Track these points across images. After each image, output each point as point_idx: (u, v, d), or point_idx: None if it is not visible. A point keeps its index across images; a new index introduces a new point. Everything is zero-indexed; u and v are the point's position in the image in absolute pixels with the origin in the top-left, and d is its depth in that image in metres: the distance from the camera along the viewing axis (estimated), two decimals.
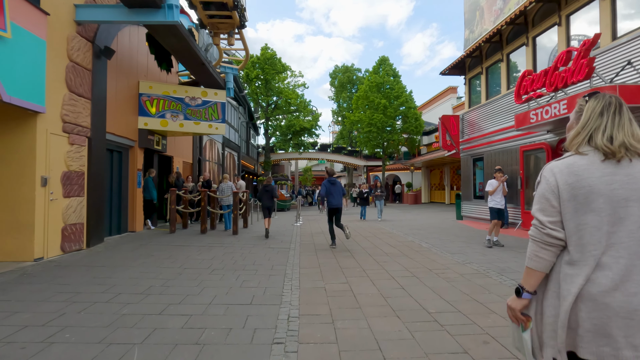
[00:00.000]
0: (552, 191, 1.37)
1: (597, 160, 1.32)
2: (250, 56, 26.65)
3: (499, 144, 11.88)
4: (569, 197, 1.32)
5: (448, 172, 25.03)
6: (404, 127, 26.64)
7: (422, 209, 22.35)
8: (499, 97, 11.94)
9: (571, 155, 1.39)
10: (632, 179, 1.27)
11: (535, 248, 1.39)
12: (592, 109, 1.41)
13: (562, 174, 1.35)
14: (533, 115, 8.57)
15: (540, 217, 1.39)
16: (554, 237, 1.35)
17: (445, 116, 14.26)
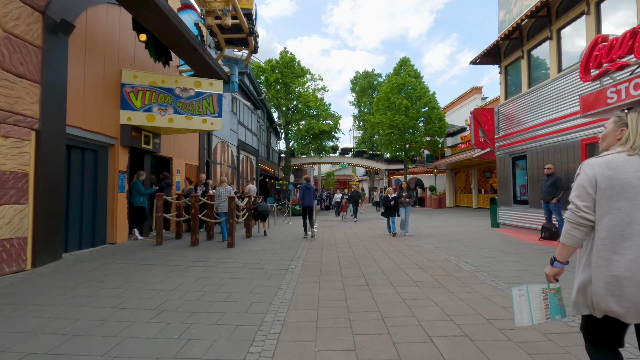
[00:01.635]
0: (589, 181, 1.62)
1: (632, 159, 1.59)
2: (269, 60, 24.84)
3: (548, 139, 9.20)
4: (605, 187, 1.58)
5: (475, 174, 22.08)
6: (427, 129, 23.91)
7: (447, 214, 19.57)
8: (547, 83, 9.27)
9: (609, 154, 1.66)
10: None
11: (569, 227, 1.66)
12: (636, 118, 1.67)
13: (600, 168, 1.62)
14: (612, 93, 5.96)
15: (577, 202, 1.65)
16: (586, 219, 1.61)
17: (478, 109, 11.66)
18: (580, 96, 6.85)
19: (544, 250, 7.14)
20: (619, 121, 1.72)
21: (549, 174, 8.49)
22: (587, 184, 1.62)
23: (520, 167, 10.68)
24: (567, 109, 8.46)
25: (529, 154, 10.06)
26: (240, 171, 17.67)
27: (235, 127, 16.89)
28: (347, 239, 9.53)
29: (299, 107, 25.48)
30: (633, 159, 1.59)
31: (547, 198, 8.44)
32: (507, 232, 10.17)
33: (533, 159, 9.85)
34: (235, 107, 17.09)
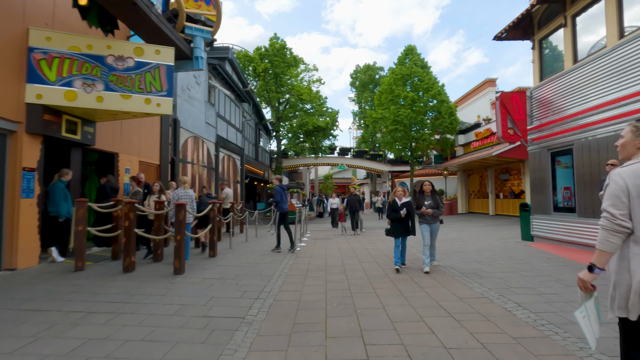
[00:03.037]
0: (622, 190, 1.81)
1: None
2: (258, 48, 23.02)
3: (605, 126, 7.29)
4: (637, 194, 1.78)
5: (492, 176, 20.18)
6: (436, 125, 22.03)
7: (462, 222, 17.64)
8: (604, 54, 7.38)
9: (634, 163, 1.85)
10: None
11: (607, 235, 1.82)
12: None
13: (630, 177, 1.81)
14: None
15: (612, 210, 1.82)
16: (623, 227, 1.78)
17: (505, 94, 9.78)
18: None
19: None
20: (637, 130, 1.91)
21: None
22: (620, 192, 1.82)
23: (563, 165, 8.76)
24: (632, 86, 6.56)
25: (576, 148, 8.14)
26: (220, 172, 15.75)
27: (213, 121, 14.99)
28: (342, 259, 7.59)
29: (291, 101, 23.61)
30: None
31: None
32: (549, 249, 8.23)
33: (583, 154, 7.93)
34: (214, 97, 15.20)
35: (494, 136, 18.67)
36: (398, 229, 6.03)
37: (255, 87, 24.08)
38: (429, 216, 6.02)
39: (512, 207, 18.07)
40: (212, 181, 14.81)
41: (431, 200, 6.05)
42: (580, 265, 6.35)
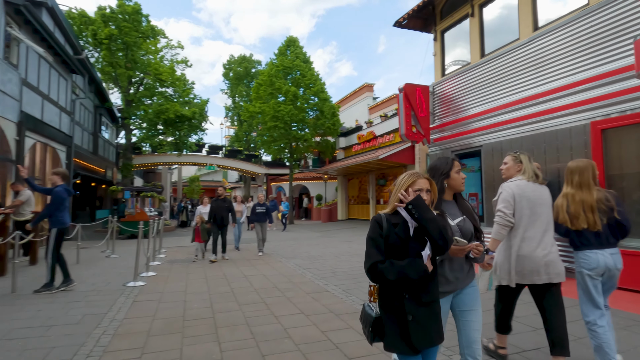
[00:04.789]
0: (511, 196, 2.84)
1: (529, 184, 2.88)
2: (101, 8, 18.22)
3: (520, 126, 6.79)
4: (519, 200, 2.83)
5: (373, 181, 20.24)
6: (318, 124, 21.11)
7: (345, 229, 16.87)
8: (519, 46, 6.90)
9: (517, 180, 2.92)
10: (540, 192, 2.88)
11: (499, 228, 2.86)
12: (527, 159, 2.97)
13: (516, 188, 2.87)
14: None
15: (504, 210, 2.84)
16: (510, 222, 2.83)
17: (409, 86, 8.90)
18: (637, 39, 4.26)
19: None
20: (516, 159, 3.01)
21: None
22: (510, 198, 2.85)
23: (469, 169, 8.20)
24: (560, 79, 6.10)
25: (485, 150, 7.58)
26: (27, 166, 11.07)
27: (14, 90, 10.39)
28: (211, 300, 5.16)
29: (147, 83, 19.42)
30: (529, 183, 2.88)
31: None
32: None
33: (493, 156, 7.38)
34: (17, 55, 10.61)
35: (376, 140, 18.63)
36: None
37: (96, 59, 19.01)
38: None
39: None
40: (8, 178, 10.18)
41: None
42: None
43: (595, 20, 5.54)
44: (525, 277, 2.79)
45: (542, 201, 2.86)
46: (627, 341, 3.41)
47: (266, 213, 9.69)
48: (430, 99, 9.09)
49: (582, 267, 2.78)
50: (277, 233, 15.86)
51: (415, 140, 8.82)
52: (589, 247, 2.76)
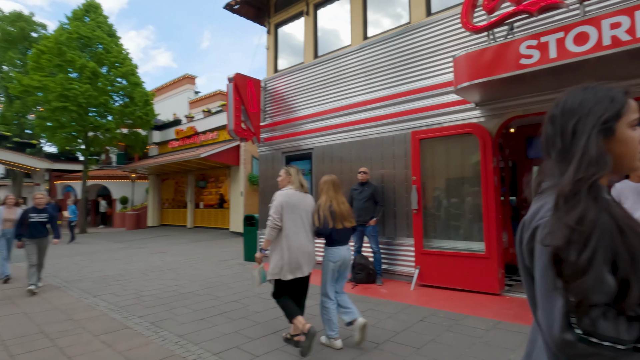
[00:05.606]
0: (280, 204, 3.38)
1: (295, 192, 3.50)
2: None
3: (350, 131, 6.93)
4: (286, 206, 3.38)
5: (192, 182, 18.43)
6: (126, 113, 17.89)
7: (154, 237, 14.64)
8: (350, 52, 7.07)
9: (286, 189, 3.51)
10: (303, 200, 3.52)
11: (271, 230, 3.35)
12: (295, 172, 3.61)
13: (284, 197, 3.43)
14: (531, 50, 3.97)
15: (274, 215, 3.34)
16: (278, 225, 3.35)
17: (240, 77, 8.06)
18: (456, 57, 4.68)
19: (364, 306, 4.35)
20: (287, 173, 3.62)
21: (363, 182, 6.09)
22: (279, 205, 3.38)
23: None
24: (386, 88, 6.45)
25: (316, 154, 7.50)
26: None
27: None
28: None
29: None
30: (296, 192, 3.51)
31: (363, 217, 5.97)
32: None
33: (324, 160, 7.35)
34: None
35: (198, 136, 17.07)
36: None
37: None
38: None
39: (215, 217, 17.04)
40: None
41: None
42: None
43: (417, 37, 6.06)
44: (294, 271, 3.37)
45: (305, 207, 3.53)
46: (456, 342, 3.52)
47: (49, 222, 6.37)
48: (261, 95, 8.54)
49: (329, 260, 3.53)
50: (60, 246, 12.31)
51: (245, 138, 8.08)
52: (337, 244, 3.54)
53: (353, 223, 3.64)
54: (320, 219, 3.50)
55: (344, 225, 3.54)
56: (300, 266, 3.38)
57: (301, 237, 3.43)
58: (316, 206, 3.60)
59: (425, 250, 5.64)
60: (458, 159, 5.66)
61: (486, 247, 5.08)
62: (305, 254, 3.41)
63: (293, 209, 3.41)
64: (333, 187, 3.62)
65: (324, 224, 3.48)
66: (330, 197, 3.58)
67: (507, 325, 3.90)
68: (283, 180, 3.59)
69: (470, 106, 5.41)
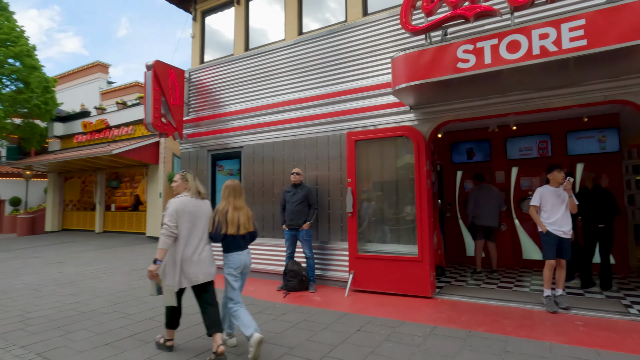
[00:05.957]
0: (175, 211, 3.26)
1: (191, 198, 3.39)
2: None
3: (282, 130, 6.57)
4: (181, 214, 3.28)
5: (102, 182, 16.46)
6: (20, 100, 15.40)
7: (52, 244, 12.72)
8: (282, 48, 6.71)
9: (182, 196, 3.40)
10: (200, 207, 3.42)
11: (165, 238, 3.20)
12: (192, 177, 3.52)
13: (179, 204, 3.31)
14: (467, 54, 4.00)
15: (169, 223, 3.22)
16: (174, 233, 3.23)
17: (161, 64, 7.19)
18: (395, 57, 4.59)
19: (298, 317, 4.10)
20: (184, 178, 3.49)
21: (296, 183, 5.78)
22: (174, 212, 3.26)
23: (227, 171, 7.40)
24: (321, 87, 6.20)
25: (246, 153, 6.99)
26: None
27: None
28: None
29: None
30: (192, 199, 3.40)
31: (295, 221, 5.65)
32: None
33: (254, 159, 6.88)
34: None
35: (110, 131, 15.31)
36: None
37: None
38: None
39: (129, 221, 15.39)
40: None
41: None
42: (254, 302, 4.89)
43: (354, 36, 5.92)
44: (190, 279, 3.29)
45: (201, 214, 3.44)
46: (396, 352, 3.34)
47: None
48: (185, 87, 7.78)
49: (229, 267, 3.47)
50: None
51: (165, 133, 7.27)
52: (235, 249, 3.48)
53: (251, 229, 3.60)
54: (215, 225, 3.45)
55: (239, 231, 3.47)
56: (196, 275, 3.32)
57: (198, 245, 3.36)
58: (213, 212, 3.55)
59: (360, 254, 5.50)
60: (393, 161, 5.62)
61: (419, 250, 5.08)
62: (201, 262, 3.35)
63: (189, 217, 3.34)
64: (234, 192, 3.56)
65: (217, 229, 3.44)
66: (229, 202, 3.52)
67: (443, 331, 3.85)
68: (179, 187, 3.48)
69: (405, 109, 5.39)
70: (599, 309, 4.37)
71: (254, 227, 3.66)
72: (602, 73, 4.12)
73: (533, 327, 3.87)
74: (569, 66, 3.82)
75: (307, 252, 5.69)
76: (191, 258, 3.29)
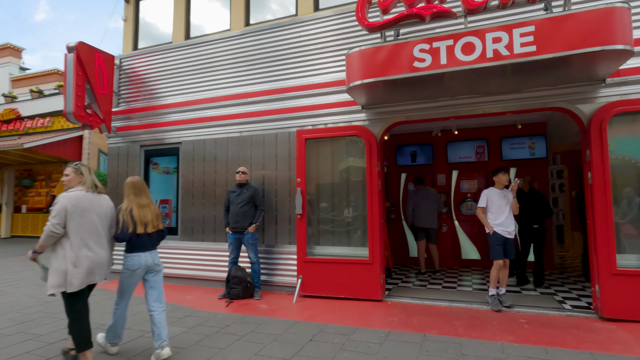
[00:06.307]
0: (64, 208, 2.93)
1: (86, 193, 3.09)
2: None
3: (227, 125, 6.11)
4: (73, 210, 2.96)
5: (10, 180, 14.37)
6: None
7: None
8: (227, 39, 6.25)
9: (75, 190, 3.07)
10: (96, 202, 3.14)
11: (47, 238, 2.91)
12: (87, 170, 3.20)
13: (70, 199, 2.98)
14: (424, 53, 3.94)
15: (54, 220, 2.89)
16: (56, 233, 2.90)
17: (85, 47, 6.28)
18: (350, 53, 4.41)
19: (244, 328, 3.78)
20: (77, 171, 3.16)
21: (242, 183, 5.37)
22: (62, 210, 2.93)
23: (162, 170, 6.72)
24: (270, 82, 5.85)
25: (184, 149, 6.39)
26: None
27: None
28: None
29: None
30: (87, 194, 3.10)
31: (240, 224, 5.24)
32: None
33: (194, 156, 6.30)
34: None
35: (22, 122, 13.43)
36: None
37: None
38: None
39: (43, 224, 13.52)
40: None
41: None
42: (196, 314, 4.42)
43: (305, 30, 5.66)
44: (84, 279, 2.99)
45: (99, 210, 3.17)
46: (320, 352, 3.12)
47: None
48: (115, 75, 6.95)
49: (126, 267, 3.27)
50: None
51: (90, 125, 6.40)
52: (138, 250, 3.27)
53: (160, 227, 3.44)
54: (120, 224, 3.24)
55: (146, 230, 3.30)
56: (90, 275, 3.04)
57: (91, 244, 3.07)
58: (117, 211, 3.33)
59: (309, 258, 5.23)
60: (344, 162, 5.45)
61: (370, 252, 4.95)
62: (95, 262, 3.08)
63: (83, 213, 3.04)
64: (133, 190, 3.37)
65: (123, 229, 3.23)
66: (131, 201, 3.34)
67: (397, 336, 3.72)
68: (72, 180, 3.17)
69: (357, 108, 5.25)
70: (538, 306, 4.56)
71: (163, 225, 3.50)
72: (543, 81, 4.30)
73: (483, 328, 3.89)
74: (518, 71, 3.92)
75: (253, 256, 5.30)
76: (83, 258, 2.99)
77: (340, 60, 5.29)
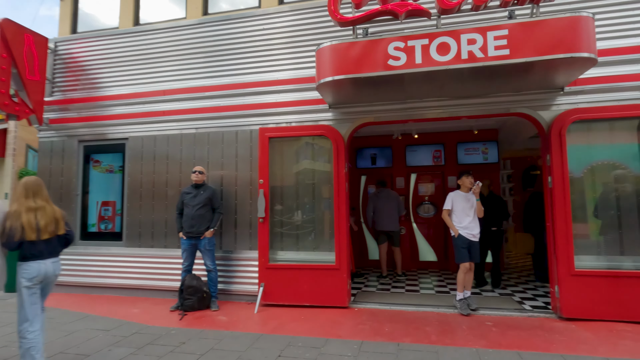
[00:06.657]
0: None
1: None
2: None
3: (181, 120, 5.57)
4: None
5: None
6: None
7: None
8: (182, 27, 5.73)
9: None
10: None
11: None
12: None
13: None
14: (398, 51, 3.79)
15: None
16: None
17: (13, 24, 5.40)
18: (320, 48, 4.16)
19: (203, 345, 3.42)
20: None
21: (198, 184, 4.90)
22: None
23: (105, 168, 5.98)
24: (231, 75, 5.42)
25: (131, 146, 5.74)
26: None
27: None
28: None
29: None
30: None
31: (196, 228, 4.77)
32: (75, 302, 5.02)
33: (142, 154, 5.68)
34: None
35: None
36: None
37: None
38: None
39: None
40: None
41: None
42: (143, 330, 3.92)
43: (269, 24, 5.33)
44: None
45: None
46: None
47: None
48: (49, 60, 6.10)
49: (22, 277, 2.85)
50: None
51: (16, 115, 5.53)
52: (34, 258, 2.87)
53: (60, 231, 3.04)
54: (6, 232, 2.83)
55: (39, 236, 2.90)
56: None
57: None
58: (3, 216, 2.90)
59: (271, 264, 4.88)
60: (309, 162, 5.17)
61: (337, 257, 4.72)
62: None
63: None
64: (25, 192, 2.96)
65: (9, 236, 2.82)
66: (21, 204, 2.92)
67: (371, 346, 3.51)
68: None
69: (323, 107, 5.01)
70: (500, 307, 4.61)
71: (66, 228, 3.10)
72: (508, 86, 4.36)
73: (454, 333, 3.80)
74: (489, 75, 3.91)
75: (210, 264, 4.84)
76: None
77: (307, 56, 5.03)
